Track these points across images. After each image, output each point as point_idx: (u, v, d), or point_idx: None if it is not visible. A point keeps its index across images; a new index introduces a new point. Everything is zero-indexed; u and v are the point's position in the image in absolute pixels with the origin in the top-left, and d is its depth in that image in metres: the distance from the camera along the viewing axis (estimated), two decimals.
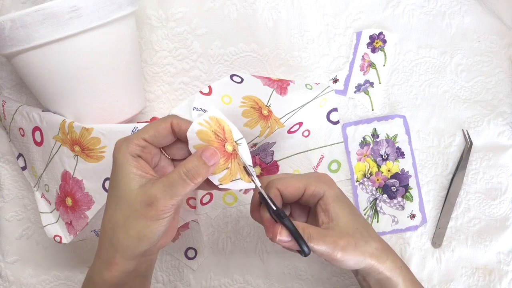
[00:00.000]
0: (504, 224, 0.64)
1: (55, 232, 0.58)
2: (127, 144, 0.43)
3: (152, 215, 0.41)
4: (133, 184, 0.42)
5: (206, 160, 0.42)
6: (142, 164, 0.43)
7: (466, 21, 0.65)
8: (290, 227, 0.45)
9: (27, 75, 0.54)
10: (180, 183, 0.41)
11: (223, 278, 0.65)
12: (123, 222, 0.42)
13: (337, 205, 0.50)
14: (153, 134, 0.43)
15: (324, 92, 0.63)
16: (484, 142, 0.65)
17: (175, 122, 0.43)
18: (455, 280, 0.64)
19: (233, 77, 0.56)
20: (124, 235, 0.42)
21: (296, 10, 0.64)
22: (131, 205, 0.42)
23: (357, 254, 0.48)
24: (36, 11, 0.48)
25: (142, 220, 0.41)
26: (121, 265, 0.43)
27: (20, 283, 0.66)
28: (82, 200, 0.54)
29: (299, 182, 0.49)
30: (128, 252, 0.43)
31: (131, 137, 0.43)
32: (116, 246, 0.43)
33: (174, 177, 0.41)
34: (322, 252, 0.47)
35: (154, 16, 0.64)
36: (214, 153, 0.42)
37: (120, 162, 0.42)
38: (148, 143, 0.43)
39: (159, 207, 0.41)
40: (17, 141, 0.62)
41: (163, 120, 0.43)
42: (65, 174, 0.56)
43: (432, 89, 0.65)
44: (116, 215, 0.43)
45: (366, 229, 0.50)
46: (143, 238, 0.42)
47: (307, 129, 0.64)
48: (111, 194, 0.44)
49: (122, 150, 0.43)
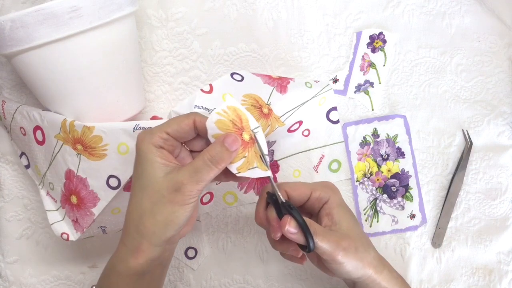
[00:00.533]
0: (504, 224, 0.64)
1: (62, 230, 0.58)
2: (151, 136, 0.44)
3: (179, 200, 0.43)
4: (158, 172, 0.43)
5: (228, 146, 0.43)
6: (165, 154, 0.44)
7: (466, 21, 0.65)
8: (298, 218, 0.46)
9: (27, 75, 0.54)
10: (205, 169, 0.43)
11: (223, 278, 0.65)
12: (151, 208, 0.43)
13: (341, 210, 0.51)
14: (175, 128, 0.44)
15: (324, 90, 0.63)
16: (484, 142, 0.65)
17: (198, 120, 0.45)
18: (455, 280, 0.64)
19: (234, 75, 0.56)
20: (152, 221, 0.44)
21: (296, 10, 0.64)
22: (158, 192, 0.43)
23: (356, 258, 0.48)
24: (36, 11, 0.48)
25: (169, 206, 0.43)
26: (148, 251, 0.44)
27: (20, 283, 0.66)
28: (87, 198, 0.55)
29: (305, 186, 0.51)
30: (155, 238, 0.44)
31: (154, 130, 0.45)
32: (143, 233, 0.44)
33: (199, 163, 0.43)
34: (324, 250, 0.47)
35: (154, 16, 0.64)
36: (236, 139, 0.44)
37: (144, 153, 0.44)
38: (170, 137, 0.44)
39: (186, 192, 0.43)
40: (19, 140, 0.62)
41: (186, 117, 0.45)
42: (68, 173, 0.56)
43: (432, 89, 0.65)
44: (143, 202, 0.44)
45: (365, 238, 0.52)
46: (170, 223, 0.44)
47: (307, 128, 0.64)
48: (136, 184, 0.45)
49: (145, 141, 0.44)
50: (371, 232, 0.64)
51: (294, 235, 0.46)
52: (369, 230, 0.64)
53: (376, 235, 0.64)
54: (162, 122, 0.46)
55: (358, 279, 0.50)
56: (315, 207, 0.52)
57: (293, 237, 0.46)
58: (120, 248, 0.46)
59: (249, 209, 0.65)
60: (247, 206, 0.65)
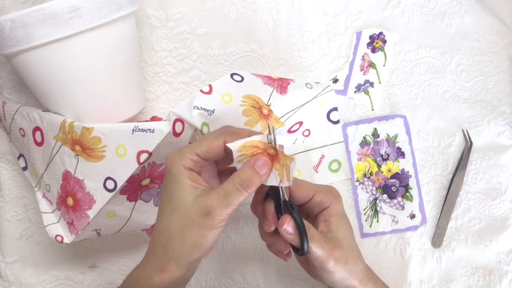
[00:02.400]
0: (504, 224, 0.64)
1: (56, 232, 0.58)
2: (181, 157, 0.44)
3: (209, 224, 0.43)
4: (188, 195, 0.44)
5: (258, 169, 0.44)
6: (195, 176, 0.45)
7: (466, 21, 0.65)
8: (298, 220, 0.46)
9: (27, 75, 0.54)
10: (235, 193, 0.43)
11: (223, 278, 0.65)
12: (180, 231, 0.44)
13: (340, 220, 0.51)
14: (206, 150, 0.45)
15: (324, 91, 0.63)
16: (484, 142, 0.65)
17: (229, 140, 0.45)
18: (455, 280, 0.64)
19: (234, 76, 0.56)
20: (180, 244, 0.44)
21: (296, 10, 0.64)
22: (187, 215, 0.43)
23: (345, 270, 0.48)
24: (36, 11, 0.48)
25: (198, 230, 0.43)
26: (174, 272, 0.45)
27: (20, 283, 0.66)
28: (83, 200, 0.54)
29: (309, 187, 0.51)
30: (183, 260, 0.44)
31: (185, 151, 0.45)
32: (170, 255, 0.44)
33: (229, 187, 0.43)
34: (317, 257, 0.47)
35: (154, 16, 0.64)
36: (266, 163, 0.44)
37: (174, 174, 0.44)
38: (200, 158, 0.45)
39: (216, 216, 0.43)
40: (18, 141, 0.62)
41: (216, 138, 0.45)
42: (66, 174, 0.55)
43: (432, 89, 0.65)
44: (172, 225, 0.44)
45: (357, 250, 0.51)
46: (198, 246, 0.44)
47: (307, 128, 0.64)
48: (165, 204, 0.45)
49: (176, 163, 0.44)
50: (371, 232, 0.64)
51: (290, 235, 0.46)
52: (369, 230, 0.64)
53: (376, 235, 0.64)
54: None
55: None
56: (314, 210, 0.51)
57: (289, 237, 0.46)
58: (145, 264, 0.47)
59: (249, 209, 0.65)
60: (247, 206, 0.65)
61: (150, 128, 0.51)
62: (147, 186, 0.58)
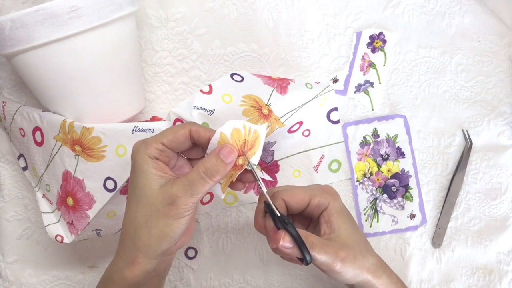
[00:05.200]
0: (504, 224, 0.64)
1: (56, 232, 0.58)
2: (146, 147, 0.44)
3: (174, 214, 0.42)
4: (153, 184, 0.43)
5: (223, 158, 0.43)
6: (160, 165, 0.44)
7: (466, 21, 0.65)
8: (293, 233, 0.45)
9: (27, 75, 0.54)
10: (200, 182, 0.42)
11: (223, 278, 0.65)
12: (145, 221, 0.43)
13: (340, 217, 0.50)
14: (171, 139, 0.44)
15: (324, 91, 0.63)
16: (484, 142, 0.65)
17: (194, 129, 0.44)
18: (455, 280, 0.64)
19: (234, 76, 0.56)
20: (147, 234, 0.43)
21: (296, 10, 0.64)
22: (152, 205, 0.43)
23: (355, 267, 0.48)
24: (36, 11, 0.48)
25: (163, 219, 0.43)
26: (143, 264, 0.44)
27: (20, 283, 0.66)
28: (83, 200, 0.54)
29: (304, 193, 0.50)
30: (150, 251, 0.44)
31: (149, 140, 0.44)
32: (138, 246, 0.44)
33: (193, 176, 0.43)
34: (322, 262, 0.47)
35: (154, 16, 0.64)
36: (231, 151, 0.43)
37: (139, 164, 0.44)
38: (166, 147, 0.44)
39: (180, 205, 0.42)
40: (18, 141, 0.62)
41: (182, 127, 0.44)
42: (66, 174, 0.55)
43: (432, 89, 0.65)
44: (138, 215, 0.44)
45: (365, 243, 0.51)
46: (165, 237, 0.43)
47: (307, 128, 0.64)
48: (131, 195, 0.45)
49: (141, 152, 0.44)
50: (371, 232, 0.64)
51: (289, 249, 0.45)
52: (369, 230, 0.64)
53: (376, 235, 0.64)
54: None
55: (357, 283, 0.50)
56: (314, 213, 0.51)
57: (289, 252, 0.46)
58: (117, 259, 0.46)
59: (249, 209, 0.65)
60: (247, 206, 0.65)
61: (150, 128, 0.51)
62: None
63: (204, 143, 0.45)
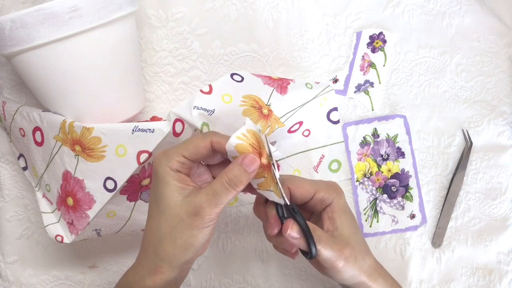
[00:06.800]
0: (504, 224, 0.64)
1: (56, 232, 0.58)
2: (167, 159, 0.44)
3: (198, 224, 0.43)
4: (176, 196, 0.43)
5: (246, 167, 0.43)
6: (182, 177, 0.44)
7: (466, 21, 0.65)
8: (302, 224, 0.45)
9: (27, 75, 0.54)
10: (224, 191, 0.43)
11: (223, 278, 0.65)
12: (170, 232, 0.44)
13: (343, 215, 0.50)
14: (193, 151, 0.44)
15: (324, 91, 0.63)
16: (484, 142, 0.65)
17: (215, 140, 0.44)
18: (455, 280, 0.64)
19: (234, 76, 0.56)
20: (172, 245, 0.44)
21: (296, 10, 0.64)
22: (177, 216, 0.43)
23: (355, 267, 0.48)
24: (36, 11, 0.48)
25: (188, 230, 0.43)
26: (166, 274, 0.45)
27: (20, 283, 0.66)
28: (83, 200, 0.54)
29: (310, 185, 0.50)
30: (175, 261, 0.44)
31: (171, 153, 0.44)
32: (162, 256, 0.44)
33: (217, 186, 0.43)
34: (326, 258, 0.46)
35: (154, 16, 0.64)
36: (254, 160, 0.43)
37: (162, 175, 0.44)
38: (187, 160, 0.44)
39: (205, 215, 0.43)
40: (18, 141, 0.62)
41: (203, 139, 0.44)
42: (66, 174, 0.56)
43: (432, 89, 0.65)
44: (161, 226, 0.44)
45: (364, 244, 0.51)
46: (189, 247, 0.44)
47: (307, 128, 0.64)
48: (153, 206, 0.45)
49: (163, 164, 0.44)
50: (371, 232, 0.64)
51: (296, 240, 0.46)
52: (369, 230, 0.64)
53: (376, 235, 0.64)
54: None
55: (353, 285, 0.50)
56: (317, 208, 0.51)
57: (295, 242, 0.46)
58: (137, 267, 0.46)
59: (249, 209, 0.65)
60: (247, 206, 0.65)
61: (150, 128, 0.51)
62: (147, 186, 0.58)
63: (225, 152, 0.45)
